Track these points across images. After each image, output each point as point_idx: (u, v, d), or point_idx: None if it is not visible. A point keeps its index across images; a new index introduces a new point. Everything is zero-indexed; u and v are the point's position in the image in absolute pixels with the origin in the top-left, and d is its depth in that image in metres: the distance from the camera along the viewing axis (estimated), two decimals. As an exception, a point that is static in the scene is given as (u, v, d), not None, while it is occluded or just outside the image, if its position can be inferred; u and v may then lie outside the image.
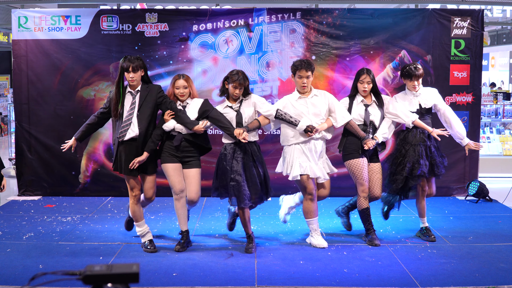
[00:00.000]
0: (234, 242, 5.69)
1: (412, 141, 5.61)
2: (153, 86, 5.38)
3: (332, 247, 5.52)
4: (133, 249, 5.47)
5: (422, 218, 5.84)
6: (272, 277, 4.72)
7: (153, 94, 5.29)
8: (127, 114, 5.22)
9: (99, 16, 7.68)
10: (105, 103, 5.43)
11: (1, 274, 4.73)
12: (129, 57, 5.23)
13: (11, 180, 9.25)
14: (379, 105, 5.67)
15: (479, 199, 7.57)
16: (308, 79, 5.42)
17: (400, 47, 7.70)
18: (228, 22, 7.69)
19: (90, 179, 7.87)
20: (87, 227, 6.26)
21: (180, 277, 4.71)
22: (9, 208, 7.15)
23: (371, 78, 5.60)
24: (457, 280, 4.64)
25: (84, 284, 1.75)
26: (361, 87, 5.60)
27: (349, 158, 5.58)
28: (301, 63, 5.42)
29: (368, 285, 4.55)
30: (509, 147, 10.67)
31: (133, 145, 5.22)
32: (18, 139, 7.86)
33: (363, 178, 5.54)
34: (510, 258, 5.20)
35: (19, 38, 7.70)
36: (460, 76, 7.79)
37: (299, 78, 5.41)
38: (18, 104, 7.82)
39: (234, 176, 5.22)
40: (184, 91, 5.34)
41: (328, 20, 7.67)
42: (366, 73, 5.61)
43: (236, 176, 5.21)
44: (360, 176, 5.53)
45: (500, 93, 12.38)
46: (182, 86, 5.34)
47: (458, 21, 7.72)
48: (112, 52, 7.69)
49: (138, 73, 5.21)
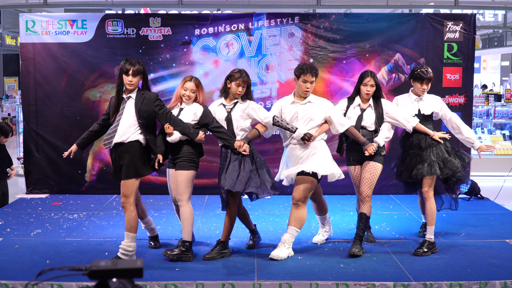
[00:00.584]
0: (235, 238, 5.69)
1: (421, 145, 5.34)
2: (149, 94, 4.93)
3: (329, 243, 5.52)
4: (137, 245, 5.46)
5: (423, 215, 5.75)
6: (271, 272, 4.72)
7: (149, 104, 4.86)
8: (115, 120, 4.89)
9: (104, 21, 7.68)
10: (106, 110, 5.14)
11: (10, 269, 4.73)
12: (131, 60, 4.90)
13: (20, 178, 9.25)
14: (376, 109, 5.32)
15: (471, 197, 7.57)
16: (312, 85, 5.08)
17: (394, 51, 7.71)
18: (229, 26, 7.69)
19: (95, 177, 7.87)
20: (93, 224, 6.26)
21: (183, 272, 4.71)
22: (18, 205, 7.15)
23: (375, 81, 5.28)
24: (450, 275, 4.64)
25: (90, 279, 1.75)
26: (364, 90, 5.28)
27: (347, 164, 5.45)
28: (308, 68, 5.04)
29: (363, 279, 4.55)
30: (500, 147, 10.67)
31: (120, 151, 4.85)
32: (26, 139, 7.86)
33: (354, 186, 5.43)
34: (501, 254, 5.20)
35: (27, 41, 7.69)
36: (453, 78, 7.79)
37: (303, 83, 5.05)
38: (26, 105, 7.82)
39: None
40: (190, 95, 5.02)
41: (326, 25, 7.67)
42: (370, 75, 5.27)
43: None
44: (353, 183, 5.44)
45: (491, 95, 12.40)
46: (190, 89, 5.02)
47: (451, 25, 7.72)
48: (117, 55, 7.69)
49: (137, 78, 4.85)
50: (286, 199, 6.44)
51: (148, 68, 7.69)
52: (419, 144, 5.33)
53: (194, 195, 7.41)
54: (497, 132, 11.17)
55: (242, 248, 5.37)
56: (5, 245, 5.40)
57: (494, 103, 11.67)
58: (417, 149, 5.33)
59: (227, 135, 4.99)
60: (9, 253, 5.16)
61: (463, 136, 5.46)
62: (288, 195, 7.58)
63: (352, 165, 5.38)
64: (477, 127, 11.21)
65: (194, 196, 7.40)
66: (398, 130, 7.77)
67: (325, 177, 5.18)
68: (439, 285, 4.49)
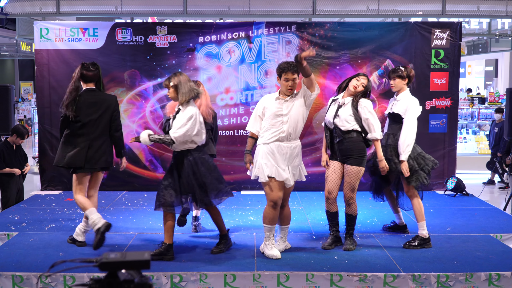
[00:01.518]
0: (236, 232, 5.69)
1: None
2: (110, 98, 4.98)
3: (323, 237, 5.51)
4: (145, 238, 5.47)
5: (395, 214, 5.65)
6: (269, 263, 4.71)
7: (111, 107, 4.94)
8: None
9: (114, 29, 7.67)
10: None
11: (25, 261, 4.72)
12: (87, 65, 4.89)
13: (35, 176, 9.26)
14: (354, 106, 4.91)
15: (457, 194, 7.57)
16: (294, 82, 4.68)
17: (385, 57, 7.71)
18: (231, 34, 7.68)
19: (106, 175, 7.85)
20: (104, 218, 6.24)
21: (188, 263, 4.71)
22: (33, 201, 7.14)
23: (367, 84, 4.96)
24: (437, 267, 4.64)
25: (100, 270, 1.75)
26: (354, 82, 4.92)
27: (330, 158, 5.15)
28: (288, 65, 4.66)
29: (356, 270, 4.55)
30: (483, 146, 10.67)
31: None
32: (41, 139, 7.85)
33: (326, 177, 5.11)
34: (486, 247, 5.20)
35: (41, 48, 7.69)
36: (440, 82, 7.78)
37: (286, 81, 4.67)
38: (41, 107, 7.81)
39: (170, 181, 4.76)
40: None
41: (320, 33, 7.67)
42: (365, 76, 4.98)
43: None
44: (325, 174, 5.14)
45: (476, 98, 12.40)
46: None
47: (438, 33, 7.71)
48: (127, 61, 7.69)
49: (94, 82, 4.88)
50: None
51: (155, 73, 7.69)
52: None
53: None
54: (481, 133, 11.19)
55: (242, 241, 5.36)
56: (20, 239, 5.40)
57: (479, 106, 11.69)
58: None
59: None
60: (24, 247, 5.15)
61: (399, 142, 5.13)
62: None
63: (334, 159, 5.08)
64: (462, 128, 11.23)
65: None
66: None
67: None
68: (427, 276, 4.48)
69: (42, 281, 4.42)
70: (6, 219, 6.12)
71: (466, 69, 22.23)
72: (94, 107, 4.92)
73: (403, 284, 4.47)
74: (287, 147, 4.72)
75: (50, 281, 4.44)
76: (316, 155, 7.77)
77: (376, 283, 4.47)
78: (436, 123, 7.80)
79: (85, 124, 4.89)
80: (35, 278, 4.41)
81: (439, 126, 7.81)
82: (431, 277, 4.48)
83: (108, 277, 1.76)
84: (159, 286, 4.44)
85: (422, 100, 7.76)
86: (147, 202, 7.04)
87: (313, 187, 7.60)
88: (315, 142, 7.78)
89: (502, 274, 4.49)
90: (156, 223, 6.00)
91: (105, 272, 1.76)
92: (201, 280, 4.47)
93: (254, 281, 4.48)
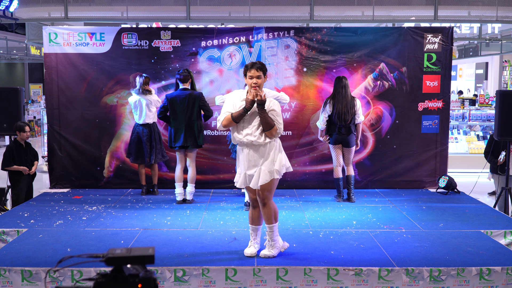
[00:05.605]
0: (237, 228, 5.69)
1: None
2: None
3: (320, 233, 5.51)
4: (149, 234, 5.47)
5: None
6: (269, 258, 4.71)
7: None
8: None
9: (120, 34, 7.67)
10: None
11: (34, 256, 4.72)
12: None
13: (44, 174, 9.25)
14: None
15: (449, 191, 7.56)
16: (259, 79, 4.45)
17: (379, 60, 7.70)
18: (232, 39, 7.68)
19: (113, 173, 7.86)
20: (110, 215, 6.25)
21: (191, 258, 4.70)
22: (42, 199, 7.14)
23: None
24: (429, 262, 4.63)
25: (107, 265, 1.75)
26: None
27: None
28: (252, 63, 4.48)
29: (352, 264, 4.54)
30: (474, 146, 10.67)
31: None
32: (50, 139, 7.85)
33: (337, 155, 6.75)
34: (477, 243, 5.19)
35: (50, 51, 7.68)
36: (432, 85, 7.77)
37: (250, 79, 4.45)
38: (50, 109, 7.81)
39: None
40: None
41: (318, 37, 7.67)
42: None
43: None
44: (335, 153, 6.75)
45: (467, 100, 12.41)
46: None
47: (430, 37, 7.70)
48: (132, 64, 7.68)
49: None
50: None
51: (160, 76, 7.69)
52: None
53: (200, 189, 7.45)
54: (472, 133, 11.18)
55: (243, 236, 5.36)
56: (30, 235, 5.39)
57: (469, 107, 11.68)
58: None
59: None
60: (33, 242, 5.15)
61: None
62: (283, 189, 7.58)
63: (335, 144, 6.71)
64: (454, 129, 11.22)
65: (200, 190, 7.43)
66: (382, 130, 7.78)
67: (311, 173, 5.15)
68: (420, 270, 4.48)
69: (51, 275, 4.41)
70: (16, 216, 6.11)
71: (457, 72, 22.21)
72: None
73: (397, 278, 4.47)
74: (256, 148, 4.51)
75: (58, 276, 4.43)
76: (313, 155, 7.77)
77: (371, 277, 4.46)
78: (429, 123, 7.80)
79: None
80: (43, 273, 4.40)
81: (432, 127, 7.80)
82: (424, 271, 4.47)
83: (114, 272, 1.75)
84: (163, 280, 4.44)
85: (415, 102, 7.78)
86: (152, 200, 7.04)
87: (311, 185, 7.63)
88: (312, 142, 7.78)
89: (493, 269, 4.49)
90: (160, 219, 6.00)
91: (111, 267, 1.76)
92: (203, 274, 4.47)
93: (254, 275, 4.48)
